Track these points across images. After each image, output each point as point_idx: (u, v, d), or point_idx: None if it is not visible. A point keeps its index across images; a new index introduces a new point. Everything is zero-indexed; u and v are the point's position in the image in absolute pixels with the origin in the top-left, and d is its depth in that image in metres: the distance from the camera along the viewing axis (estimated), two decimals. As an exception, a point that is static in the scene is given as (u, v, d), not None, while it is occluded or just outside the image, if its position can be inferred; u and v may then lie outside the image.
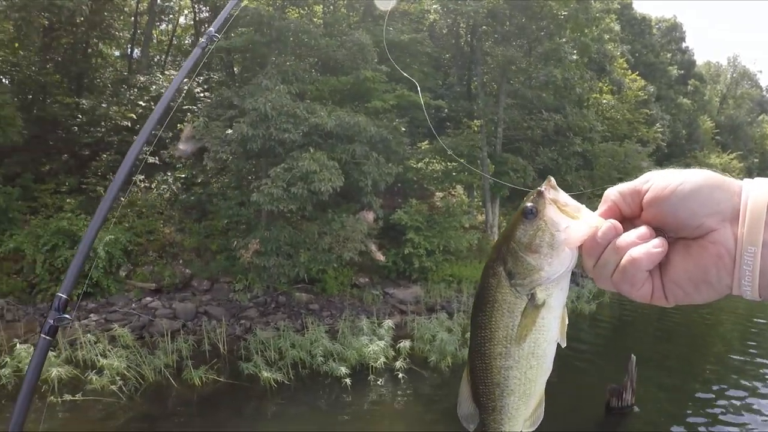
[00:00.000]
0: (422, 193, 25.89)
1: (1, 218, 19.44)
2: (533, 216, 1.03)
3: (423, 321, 17.62)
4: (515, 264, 1.04)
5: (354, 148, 18.89)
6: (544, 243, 1.01)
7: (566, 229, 1.01)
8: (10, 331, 16.30)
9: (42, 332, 2.94)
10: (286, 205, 16.85)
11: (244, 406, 13.18)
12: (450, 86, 29.26)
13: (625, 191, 1.00)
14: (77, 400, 12.49)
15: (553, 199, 1.04)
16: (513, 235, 1.05)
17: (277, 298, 19.54)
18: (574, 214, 1.03)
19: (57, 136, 23.46)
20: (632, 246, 0.94)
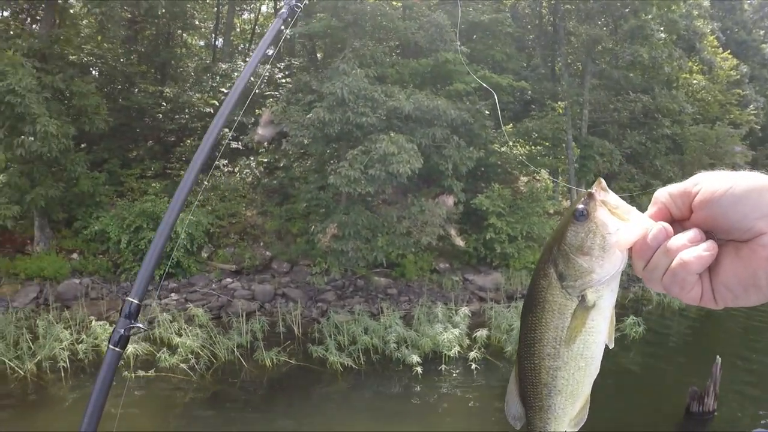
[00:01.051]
0: (506, 178, 25.23)
1: (89, 202, 20.25)
2: (584, 218, 1.03)
3: (501, 309, 17.06)
4: (566, 266, 1.04)
5: (434, 132, 18.54)
6: (596, 245, 1.01)
7: (617, 232, 1.00)
8: (93, 308, 16.99)
9: (110, 342, 2.65)
10: (363, 187, 16.68)
11: (313, 388, 13.13)
12: (535, 68, 28.42)
13: (674, 193, 0.99)
14: (150, 376, 12.78)
15: (603, 201, 1.03)
16: (564, 237, 1.04)
17: (355, 281, 19.49)
18: (624, 216, 1.02)
19: (143, 123, 24.21)
20: (683, 249, 0.93)
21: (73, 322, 15.00)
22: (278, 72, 23.85)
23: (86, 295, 17.98)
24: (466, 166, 19.37)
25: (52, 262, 18.74)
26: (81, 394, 12.24)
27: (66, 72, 19.47)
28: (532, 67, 28.80)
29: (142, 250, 18.59)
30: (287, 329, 16.22)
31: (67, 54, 21.10)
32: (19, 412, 11.72)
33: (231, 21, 29.71)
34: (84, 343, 13.67)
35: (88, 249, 19.77)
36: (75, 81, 19.14)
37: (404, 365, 13.77)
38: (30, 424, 11.26)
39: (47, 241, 19.69)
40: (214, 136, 3.36)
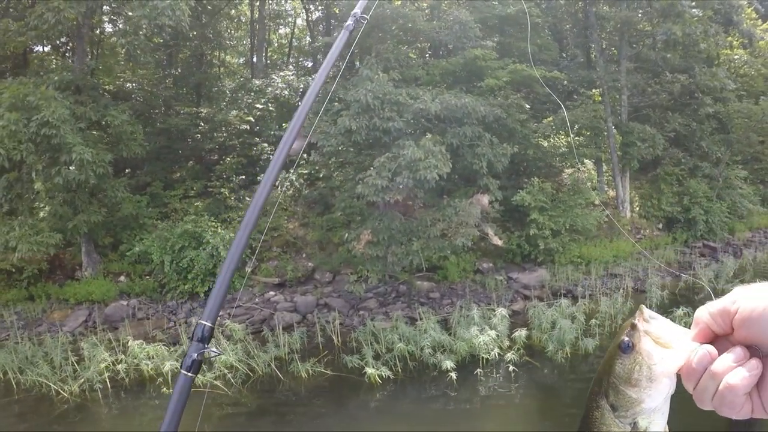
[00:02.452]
0: (549, 172, 24.73)
1: (133, 224, 20.74)
2: (630, 350, 1.07)
3: (543, 307, 16.57)
4: (617, 398, 1.09)
5: (464, 131, 18.26)
6: (643, 376, 1.05)
7: (662, 360, 1.04)
8: (140, 328, 17.41)
9: (183, 367, 2.54)
10: (392, 195, 16.53)
11: (349, 399, 13.04)
12: (574, 57, 27.78)
13: (714, 312, 1.01)
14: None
15: (646, 331, 1.06)
16: (612, 370, 1.09)
17: (397, 287, 19.36)
18: (669, 342, 1.05)
19: (184, 144, 24.67)
20: (728, 371, 0.95)
21: (117, 343, 15.29)
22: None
23: (133, 315, 18.45)
24: (501, 163, 18.97)
25: (100, 286, 19.29)
26: (120, 413, 12.56)
27: (99, 102, 20.00)
28: (571, 56, 28.12)
29: (185, 269, 18.97)
30: (326, 339, 16.18)
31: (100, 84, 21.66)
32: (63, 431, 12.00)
33: (263, 37, 29.99)
34: (123, 363, 13.89)
35: (134, 271, 20.24)
36: (109, 110, 19.62)
37: (440, 371, 13.44)
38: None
39: (95, 265, 20.24)
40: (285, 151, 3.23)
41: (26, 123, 16.67)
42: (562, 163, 25.37)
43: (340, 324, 17.09)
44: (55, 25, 17.96)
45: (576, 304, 17.06)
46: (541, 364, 14.12)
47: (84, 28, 20.13)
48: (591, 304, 17.46)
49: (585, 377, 13.62)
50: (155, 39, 23.02)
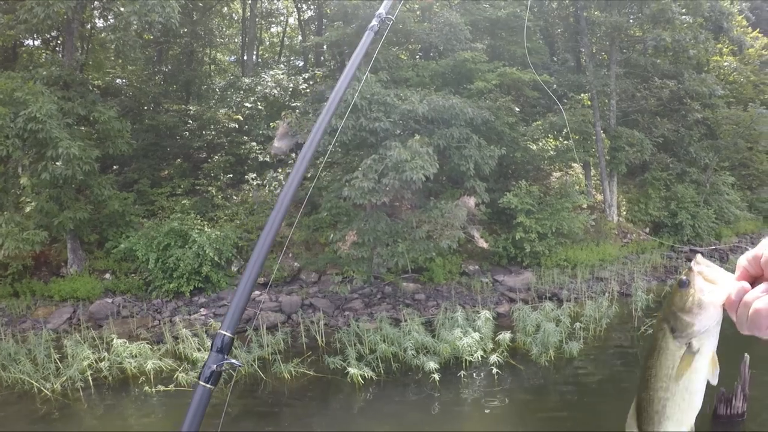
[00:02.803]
0: (537, 175, 24.77)
1: (119, 222, 20.66)
2: (686, 285, 1.29)
3: (528, 310, 16.46)
4: (676, 322, 1.31)
5: (452, 132, 18.24)
6: (695, 305, 1.27)
7: (710, 293, 1.26)
8: (124, 326, 17.31)
9: (201, 378, 2.52)
10: (378, 198, 16.49)
11: (331, 400, 12.98)
12: (564, 61, 27.81)
13: (750, 258, 1.21)
14: (170, 390, 12.92)
15: (699, 272, 1.29)
16: (672, 301, 1.31)
17: (383, 288, 19.33)
18: (716, 281, 1.27)
19: (172, 142, 24.52)
20: (756, 299, 1.15)
21: (100, 341, 15.21)
22: (302, 83, 23.89)
23: (118, 313, 18.37)
24: (488, 166, 18.94)
25: (85, 283, 19.26)
26: (103, 412, 12.46)
27: (87, 97, 19.94)
28: (562, 61, 28.17)
29: (171, 267, 18.90)
30: (311, 340, 16.13)
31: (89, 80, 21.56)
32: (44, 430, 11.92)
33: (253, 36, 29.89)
34: (106, 361, 13.83)
35: (119, 269, 20.19)
36: (96, 106, 19.55)
37: (423, 373, 13.40)
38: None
39: (80, 262, 20.16)
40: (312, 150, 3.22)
41: (13, 118, 16.64)
42: (551, 166, 25.41)
43: (325, 324, 17.03)
44: (45, 19, 17.90)
45: (561, 307, 17.02)
46: (524, 367, 14.03)
47: (74, 22, 20.07)
48: (576, 307, 17.43)
49: (569, 381, 13.64)
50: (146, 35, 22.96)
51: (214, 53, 31.22)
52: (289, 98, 23.22)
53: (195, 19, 24.84)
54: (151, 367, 13.38)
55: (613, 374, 14.18)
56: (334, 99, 3.37)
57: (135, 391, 13.24)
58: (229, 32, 30.52)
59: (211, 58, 30.82)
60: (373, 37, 3.68)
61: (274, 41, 35.39)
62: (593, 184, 26.09)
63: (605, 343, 15.96)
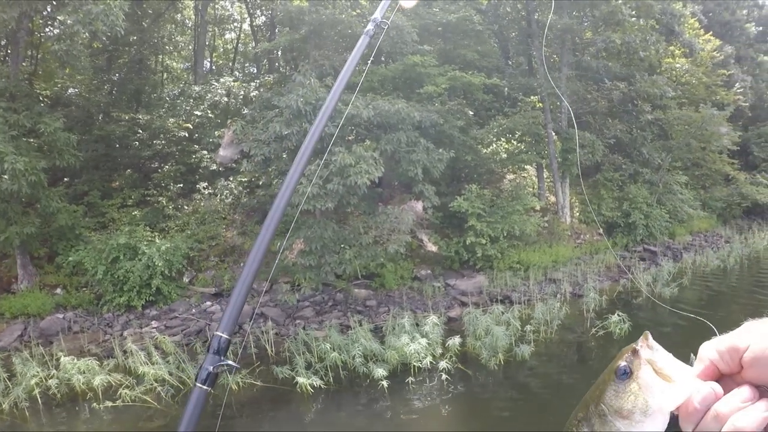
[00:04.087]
0: (490, 178, 24.85)
1: (69, 235, 20.30)
2: (627, 377, 0.97)
3: (478, 314, 16.37)
4: (602, 427, 0.97)
5: (399, 137, 18.20)
6: (637, 409, 0.94)
7: (661, 394, 0.94)
8: (75, 342, 17.05)
9: (197, 380, 2.48)
10: (323, 203, 16.41)
11: (280, 411, 12.83)
12: (519, 65, 27.99)
13: (722, 350, 0.93)
14: (118, 405, 12.69)
15: (648, 360, 0.98)
16: (602, 396, 0.98)
17: (334, 296, 19.21)
18: (670, 375, 0.95)
19: (123, 152, 24.21)
20: (735, 412, 0.88)
21: (50, 358, 14.97)
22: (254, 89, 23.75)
23: (69, 329, 18.05)
24: (437, 169, 18.92)
25: (36, 299, 18.84)
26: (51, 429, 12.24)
27: (33, 109, 19.61)
28: (516, 64, 28.37)
29: (120, 280, 18.61)
30: (260, 350, 15.99)
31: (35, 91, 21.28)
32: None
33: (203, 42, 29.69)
34: (55, 378, 13.56)
35: (70, 283, 19.86)
36: (42, 117, 19.25)
37: (372, 380, 13.22)
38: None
39: (31, 278, 19.79)
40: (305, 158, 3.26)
41: (-44, 132, 16.37)
42: (504, 169, 25.51)
43: (276, 334, 16.91)
44: (-13, 30, 17.62)
45: (509, 310, 17.03)
46: (474, 372, 13.95)
47: (20, 32, 19.75)
48: (527, 309, 17.50)
49: (517, 384, 13.64)
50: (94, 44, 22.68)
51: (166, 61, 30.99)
52: (241, 105, 23.05)
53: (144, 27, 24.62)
54: (98, 383, 13.14)
55: (561, 376, 14.21)
56: (329, 105, 3.45)
57: (84, 408, 13.01)
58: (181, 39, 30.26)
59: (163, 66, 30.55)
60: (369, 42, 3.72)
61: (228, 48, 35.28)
62: (546, 186, 26.23)
63: (556, 345, 15.97)
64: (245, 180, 23.05)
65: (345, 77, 3.52)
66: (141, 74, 26.71)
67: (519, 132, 24.21)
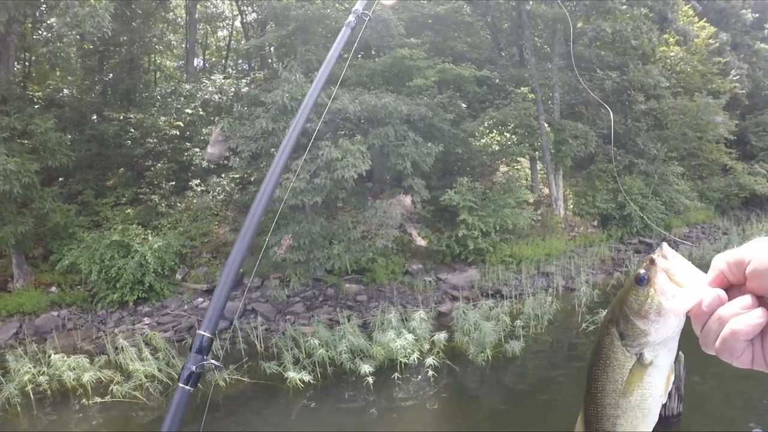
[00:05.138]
0: (483, 171, 24.74)
1: (63, 234, 20.46)
2: (644, 283, 1.08)
3: (467, 308, 16.20)
4: (626, 327, 1.11)
5: (386, 131, 18.14)
6: (652, 310, 1.07)
7: (673, 298, 1.06)
8: (68, 339, 17.25)
9: (180, 380, 2.46)
10: (310, 198, 16.39)
11: (268, 406, 12.84)
12: (511, 56, 27.82)
13: (730, 261, 1.02)
14: (107, 402, 12.79)
15: (664, 268, 1.08)
16: (626, 300, 1.11)
17: (325, 291, 19.20)
18: (683, 282, 1.07)
19: (116, 151, 24.31)
20: (734, 316, 0.97)
21: (42, 355, 15.08)
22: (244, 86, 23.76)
23: (63, 326, 18.27)
24: (425, 163, 18.83)
25: (31, 297, 19.08)
26: (42, 425, 12.43)
27: (24, 111, 19.78)
28: (509, 56, 28.19)
29: (114, 278, 18.75)
30: (249, 345, 16.00)
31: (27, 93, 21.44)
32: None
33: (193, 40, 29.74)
34: (46, 375, 13.68)
35: (65, 281, 20.03)
36: (34, 119, 19.41)
37: (358, 376, 13.17)
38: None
39: (26, 277, 20.01)
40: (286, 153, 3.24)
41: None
42: (496, 161, 25.38)
43: (266, 330, 16.94)
44: (-25, 35, 17.78)
45: (500, 304, 16.91)
46: (461, 368, 13.84)
47: (10, 36, 19.90)
48: (518, 304, 17.36)
49: (505, 380, 13.57)
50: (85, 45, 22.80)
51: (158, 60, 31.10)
52: (232, 102, 23.07)
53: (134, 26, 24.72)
54: (88, 379, 13.23)
55: (549, 372, 14.05)
56: (308, 101, 3.45)
57: (74, 404, 13.11)
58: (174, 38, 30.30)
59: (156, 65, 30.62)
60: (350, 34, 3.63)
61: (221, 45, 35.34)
62: (540, 178, 26.08)
63: (546, 340, 15.80)
64: (237, 177, 23.06)
65: (326, 70, 3.52)
66: (132, 74, 26.77)
67: (511, 124, 24.03)
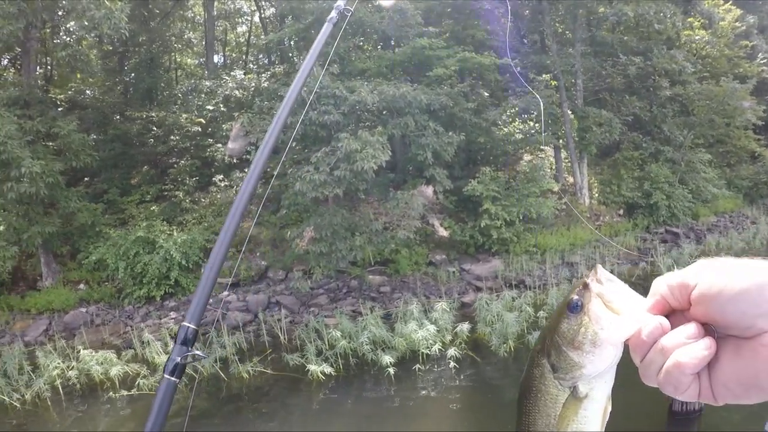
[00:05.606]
0: (507, 159, 24.53)
1: (89, 233, 20.79)
2: (577, 310, 0.99)
3: (490, 299, 16.11)
4: (558, 358, 1.02)
5: (406, 121, 18.05)
6: (587, 340, 0.98)
7: (610, 326, 0.96)
8: (97, 334, 17.66)
9: (165, 371, 2.50)
10: (331, 190, 16.38)
11: (290, 398, 12.88)
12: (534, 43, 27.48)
13: (673, 285, 0.92)
14: (133, 394, 13.00)
15: (598, 293, 0.99)
16: (557, 329, 1.02)
17: (349, 282, 19.23)
18: (620, 308, 0.96)
19: (140, 150, 24.67)
20: (678, 347, 0.88)
21: (71, 350, 15.34)
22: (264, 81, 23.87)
23: (91, 322, 18.69)
24: (447, 153, 18.72)
25: (60, 295, 19.52)
26: (71, 418, 12.71)
27: (47, 114, 20.24)
28: (531, 42, 27.84)
29: (140, 274, 19.09)
30: (273, 338, 16.07)
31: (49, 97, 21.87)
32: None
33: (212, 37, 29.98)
34: (74, 370, 13.93)
35: (92, 278, 20.42)
36: (56, 122, 19.78)
37: (380, 368, 13.14)
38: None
39: (54, 275, 20.42)
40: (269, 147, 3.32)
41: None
42: (520, 150, 25.13)
43: (290, 322, 17.06)
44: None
45: (523, 294, 16.73)
46: (483, 359, 13.71)
47: (29, 42, 20.25)
48: (542, 294, 17.17)
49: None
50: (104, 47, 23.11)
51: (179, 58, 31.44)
52: (252, 97, 23.19)
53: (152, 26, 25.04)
54: (115, 373, 13.51)
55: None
56: (291, 95, 3.50)
57: (102, 397, 13.35)
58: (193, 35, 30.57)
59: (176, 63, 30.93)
60: (332, 30, 3.75)
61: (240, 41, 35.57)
62: (564, 166, 25.75)
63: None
64: (259, 171, 23.14)
65: (308, 65, 3.65)
66: (153, 73, 27.05)
67: (534, 112, 23.77)
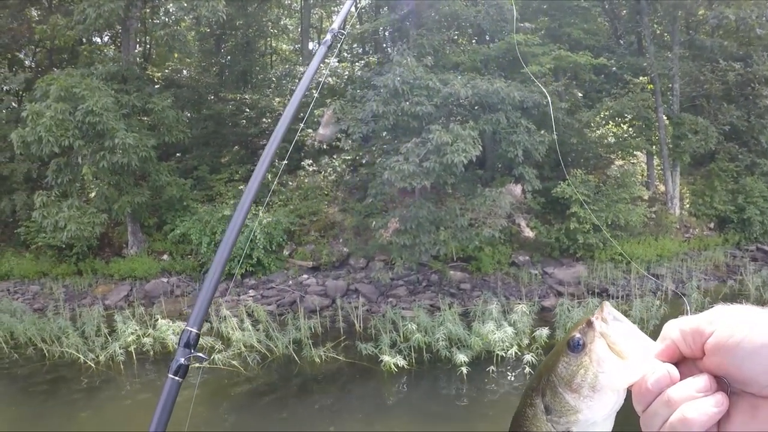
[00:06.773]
0: (598, 162, 23.90)
1: (177, 207, 21.42)
2: (579, 350, 0.91)
3: (570, 306, 15.63)
4: (553, 399, 0.94)
5: (498, 117, 17.79)
6: (586, 383, 0.90)
7: (612, 371, 0.88)
8: (175, 304, 18.41)
9: (170, 372, 2.58)
10: (419, 181, 16.30)
11: (359, 386, 12.90)
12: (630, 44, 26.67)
13: (686, 330, 0.84)
14: (205, 367, 13.08)
15: (603, 333, 0.90)
16: (555, 367, 0.94)
17: (429, 276, 19.17)
18: (626, 351, 0.88)
19: (231, 130, 25.23)
20: (687, 401, 0.80)
21: (149, 318, 15.80)
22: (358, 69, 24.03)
23: (171, 292, 19.43)
24: (538, 152, 18.35)
25: (143, 263, 20.42)
26: (140, 382, 13.18)
27: (143, 90, 21.03)
28: (628, 43, 27.01)
29: (222, 248, 19.46)
30: (349, 325, 16.14)
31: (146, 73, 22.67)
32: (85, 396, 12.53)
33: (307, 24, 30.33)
34: (150, 337, 14.40)
35: (176, 250, 21.08)
36: (152, 98, 20.44)
37: (453, 365, 12.90)
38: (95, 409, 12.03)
39: (140, 244, 21.24)
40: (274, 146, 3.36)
41: (72, 112, 17.67)
42: (611, 154, 24.45)
43: (367, 311, 17.09)
44: (97, 19, 18.79)
45: (602, 304, 16.19)
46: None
47: (129, 20, 20.97)
48: (624, 305, 16.65)
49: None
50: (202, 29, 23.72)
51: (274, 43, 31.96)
52: (345, 85, 23.37)
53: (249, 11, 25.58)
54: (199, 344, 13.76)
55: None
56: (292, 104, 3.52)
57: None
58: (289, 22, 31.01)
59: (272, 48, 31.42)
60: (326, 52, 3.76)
61: (335, 28, 35.70)
62: (656, 174, 24.90)
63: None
64: (349, 158, 23.39)
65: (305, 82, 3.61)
66: (248, 56, 27.78)
67: (628, 116, 23.07)
